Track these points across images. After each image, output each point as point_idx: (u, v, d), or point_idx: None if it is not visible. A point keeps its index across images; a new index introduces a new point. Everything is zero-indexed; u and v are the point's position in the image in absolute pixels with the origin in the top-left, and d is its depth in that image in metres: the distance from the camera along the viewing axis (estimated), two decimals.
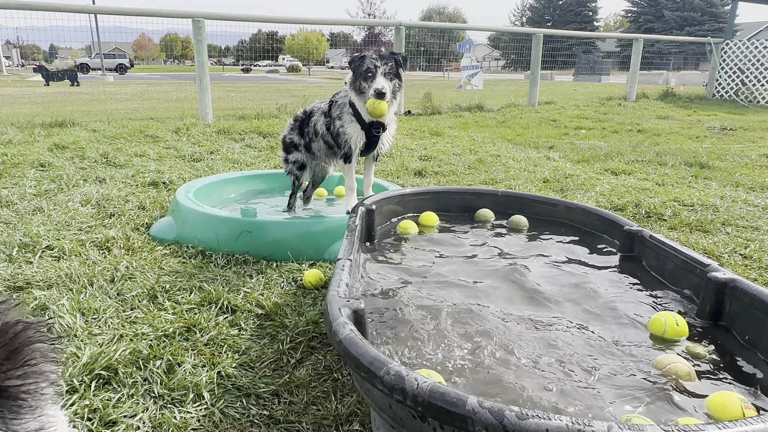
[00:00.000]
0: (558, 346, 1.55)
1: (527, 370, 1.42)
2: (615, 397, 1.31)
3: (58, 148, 5.10)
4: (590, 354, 1.51)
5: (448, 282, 1.99)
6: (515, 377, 1.39)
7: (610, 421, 0.90)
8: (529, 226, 2.64)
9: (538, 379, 1.38)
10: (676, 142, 6.68)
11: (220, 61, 48.45)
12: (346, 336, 1.19)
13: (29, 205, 3.30)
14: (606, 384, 1.37)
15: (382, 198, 2.59)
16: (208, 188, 3.46)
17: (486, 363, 1.45)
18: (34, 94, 13.64)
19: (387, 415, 1.17)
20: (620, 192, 3.97)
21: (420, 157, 5.33)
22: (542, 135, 7.06)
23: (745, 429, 0.92)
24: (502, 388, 1.34)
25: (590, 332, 1.64)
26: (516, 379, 1.37)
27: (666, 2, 51.95)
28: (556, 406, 1.27)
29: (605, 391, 1.34)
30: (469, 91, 10.65)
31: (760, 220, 3.35)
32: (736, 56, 12.67)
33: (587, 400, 1.30)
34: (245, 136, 6.19)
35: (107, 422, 1.43)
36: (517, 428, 0.90)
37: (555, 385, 1.35)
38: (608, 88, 18.02)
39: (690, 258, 1.82)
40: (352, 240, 1.91)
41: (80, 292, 2.14)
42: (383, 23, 20.03)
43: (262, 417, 1.48)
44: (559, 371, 1.42)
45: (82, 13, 7.29)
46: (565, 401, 1.29)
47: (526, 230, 2.62)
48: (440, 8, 71.57)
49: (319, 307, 2.11)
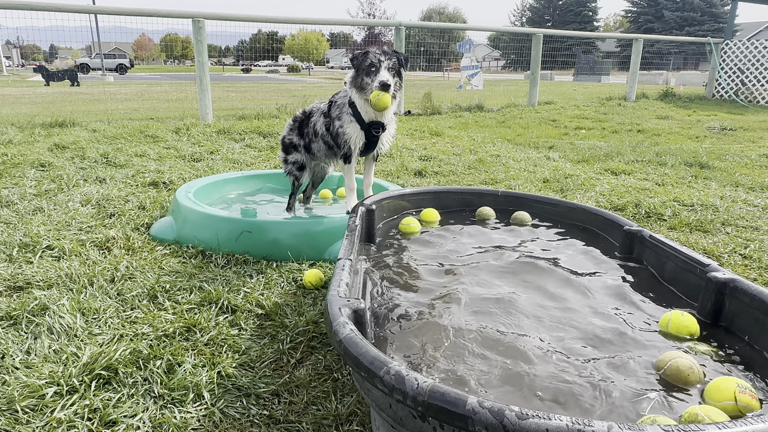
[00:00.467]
0: (558, 346, 1.54)
1: (527, 370, 1.42)
2: (611, 397, 1.31)
3: (59, 148, 5.10)
4: (589, 355, 1.51)
5: (448, 280, 1.99)
6: (515, 377, 1.39)
7: (610, 422, 0.90)
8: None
9: (537, 379, 1.38)
10: (676, 142, 6.68)
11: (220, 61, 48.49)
12: (346, 336, 1.19)
13: (29, 205, 3.30)
14: (604, 384, 1.37)
15: (382, 198, 2.59)
16: (208, 188, 3.46)
17: (486, 363, 1.45)
18: (34, 94, 13.64)
19: (387, 414, 1.17)
20: (620, 192, 3.97)
21: (420, 157, 5.33)
22: (542, 135, 7.06)
23: (745, 429, 0.92)
24: (504, 388, 1.34)
25: (590, 332, 1.64)
26: (515, 380, 1.38)
27: (666, 2, 51.95)
28: (555, 406, 1.27)
29: (602, 392, 1.34)
30: (469, 91, 10.65)
31: (760, 220, 3.36)
32: (736, 56, 12.68)
33: (587, 400, 1.30)
34: (245, 136, 6.20)
35: (107, 422, 1.43)
36: (517, 428, 0.90)
37: (553, 387, 1.35)
38: (608, 88, 18.02)
39: (690, 258, 1.82)
40: (352, 240, 1.91)
41: (80, 292, 2.14)
42: (383, 23, 20.03)
43: (262, 417, 1.49)
44: (558, 372, 1.42)
45: (82, 13, 7.30)
46: (563, 403, 1.29)
47: (528, 226, 2.63)
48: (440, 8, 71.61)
49: (319, 307, 2.11)
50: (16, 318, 1.91)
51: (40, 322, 1.88)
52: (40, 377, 1.56)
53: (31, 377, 1.57)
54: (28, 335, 1.82)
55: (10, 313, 1.94)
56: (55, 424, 1.40)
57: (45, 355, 1.71)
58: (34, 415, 1.43)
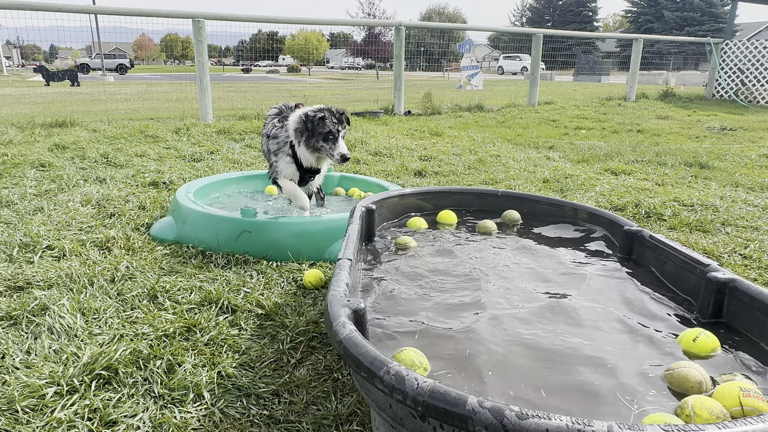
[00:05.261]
0: (558, 346, 1.54)
1: (526, 370, 1.42)
2: (606, 398, 1.31)
3: (59, 148, 5.10)
4: (588, 355, 1.51)
5: (448, 279, 1.99)
6: (515, 377, 1.39)
7: (609, 422, 0.90)
8: (526, 223, 2.64)
9: (536, 380, 1.38)
10: (675, 142, 6.68)
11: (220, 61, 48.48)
12: (347, 336, 1.19)
13: (30, 205, 3.30)
14: (600, 386, 1.37)
15: (382, 198, 2.60)
16: (209, 188, 3.46)
17: (485, 363, 1.45)
18: (34, 94, 13.64)
19: (387, 414, 1.17)
20: (620, 192, 3.97)
21: (420, 157, 5.33)
22: (542, 135, 7.06)
23: (745, 429, 0.92)
24: (502, 387, 1.34)
25: (588, 333, 1.64)
26: (516, 380, 1.38)
27: (666, 2, 51.95)
28: (555, 406, 1.27)
29: (597, 393, 1.34)
30: (469, 91, 10.65)
31: (759, 220, 3.36)
32: (736, 56, 12.67)
33: (586, 403, 1.30)
34: (245, 136, 6.20)
35: (107, 422, 1.43)
36: (517, 428, 0.90)
37: (553, 387, 1.35)
38: (608, 88, 18.01)
39: (690, 258, 1.82)
40: (352, 240, 1.91)
41: (80, 292, 2.14)
42: (383, 23, 20.02)
43: (262, 417, 1.49)
44: (559, 373, 1.42)
45: (82, 14, 7.29)
46: (563, 404, 1.29)
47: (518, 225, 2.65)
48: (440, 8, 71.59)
49: (319, 307, 2.11)
50: (16, 318, 1.91)
51: (40, 322, 1.88)
52: (40, 377, 1.56)
53: (31, 377, 1.57)
54: (28, 335, 1.82)
55: (10, 313, 1.94)
56: (55, 424, 1.40)
57: (45, 355, 1.71)
58: (34, 415, 1.43)
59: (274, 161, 2.93)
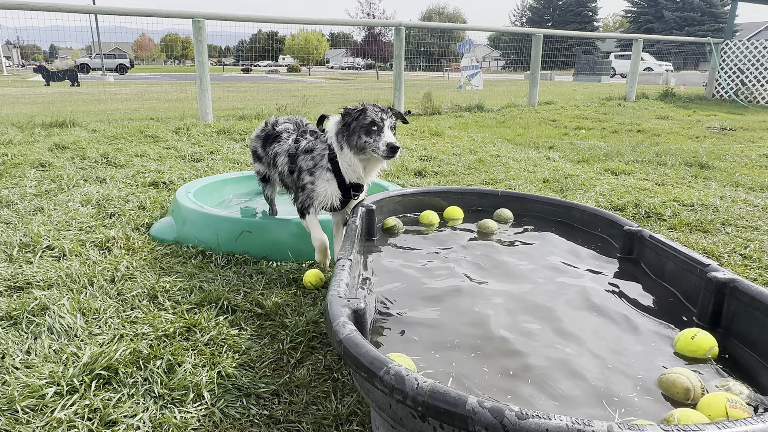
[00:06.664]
0: (557, 347, 1.54)
1: (526, 372, 1.42)
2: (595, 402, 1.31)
3: (59, 148, 5.10)
4: (589, 354, 1.51)
5: (448, 279, 1.99)
6: (515, 377, 1.39)
7: (609, 422, 0.90)
8: (525, 222, 2.64)
9: (537, 382, 1.38)
10: (675, 142, 6.68)
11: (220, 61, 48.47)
12: (347, 336, 1.19)
13: (30, 205, 3.30)
14: (596, 388, 1.37)
15: (383, 198, 2.60)
16: (209, 188, 3.46)
17: (485, 363, 1.45)
18: (34, 94, 13.64)
19: (387, 414, 1.17)
20: (620, 192, 3.97)
21: (420, 157, 5.33)
22: (542, 135, 7.06)
23: (745, 429, 0.92)
24: (502, 389, 1.34)
25: (587, 333, 1.64)
26: (515, 380, 1.38)
27: (666, 2, 51.95)
28: (555, 406, 1.27)
29: (593, 396, 1.34)
30: (469, 91, 10.65)
31: (759, 220, 3.36)
32: (736, 56, 12.67)
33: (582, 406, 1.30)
34: (245, 136, 6.19)
35: (107, 422, 1.43)
36: (517, 428, 0.90)
37: (553, 389, 1.35)
38: (608, 88, 18.02)
39: (690, 258, 1.82)
40: (352, 240, 1.91)
41: (80, 292, 2.14)
42: (383, 23, 20.01)
43: (262, 417, 1.49)
44: (558, 374, 1.42)
45: (82, 14, 7.29)
46: (563, 406, 1.29)
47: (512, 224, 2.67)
48: (440, 8, 71.56)
49: (319, 307, 2.11)
50: (16, 318, 1.91)
51: (40, 322, 1.88)
52: (40, 377, 1.56)
53: (31, 377, 1.57)
54: (28, 335, 1.82)
55: (10, 313, 1.94)
56: (55, 424, 1.40)
57: (45, 355, 1.71)
58: (34, 415, 1.43)
59: (308, 182, 2.33)
